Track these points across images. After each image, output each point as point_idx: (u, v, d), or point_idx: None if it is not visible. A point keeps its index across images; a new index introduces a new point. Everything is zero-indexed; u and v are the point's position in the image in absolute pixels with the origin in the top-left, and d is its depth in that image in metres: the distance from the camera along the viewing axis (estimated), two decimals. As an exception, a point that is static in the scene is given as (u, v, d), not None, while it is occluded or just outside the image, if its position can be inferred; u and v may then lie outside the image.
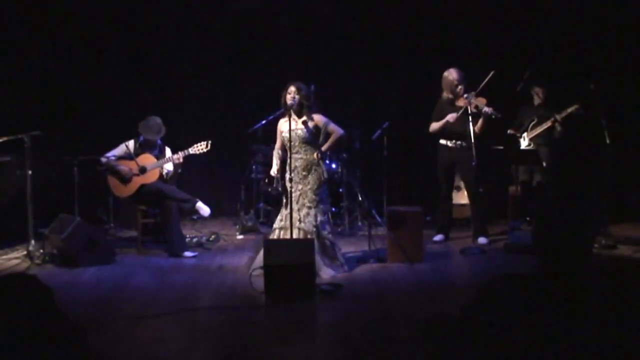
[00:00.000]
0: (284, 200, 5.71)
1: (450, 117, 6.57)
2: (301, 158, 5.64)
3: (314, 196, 5.62)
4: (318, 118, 5.70)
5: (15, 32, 8.00)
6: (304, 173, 5.63)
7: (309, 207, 5.60)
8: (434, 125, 6.76)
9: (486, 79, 6.43)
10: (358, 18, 8.49)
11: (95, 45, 8.30)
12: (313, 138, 5.67)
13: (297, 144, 5.62)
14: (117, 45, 8.36)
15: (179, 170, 6.59)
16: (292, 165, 5.58)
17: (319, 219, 5.61)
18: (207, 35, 8.54)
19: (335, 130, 5.72)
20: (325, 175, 5.71)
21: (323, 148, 5.69)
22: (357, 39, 8.53)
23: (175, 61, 8.56)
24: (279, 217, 5.72)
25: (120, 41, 8.35)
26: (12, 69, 7.98)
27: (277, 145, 5.91)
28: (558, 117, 6.97)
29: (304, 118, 5.64)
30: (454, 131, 6.64)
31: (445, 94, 6.73)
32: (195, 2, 8.47)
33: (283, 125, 5.77)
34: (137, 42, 8.40)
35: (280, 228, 5.63)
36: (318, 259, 5.37)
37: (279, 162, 5.87)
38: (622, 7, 7.86)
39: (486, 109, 6.45)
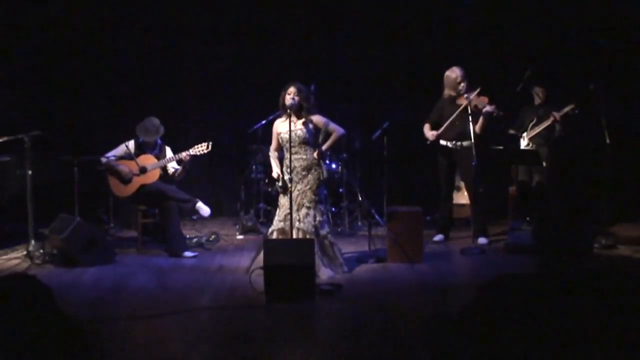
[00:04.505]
0: (280, 201, 5.71)
1: (431, 135, 6.68)
2: (300, 158, 5.63)
3: (313, 196, 5.62)
4: (317, 119, 5.69)
5: (15, 32, 8.00)
6: (303, 173, 5.63)
7: (308, 207, 5.60)
8: (425, 129, 6.80)
9: (475, 92, 6.45)
10: (358, 17, 8.49)
11: (95, 45, 8.30)
12: (313, 138, 5.67)
13: (296, 144, 5.60)
14: (117, 45, 8.36)
15: (187, 168, 6.57)
16: (292, 166, 5.57)
17: (317, 218, 5.61)
18: (207, 35, 8.54)
19: (336, 129, 5.72)
20: (325, 175, 5.70)
21: (324, 147, 5.68)
22: (357, 38, 8.53)
23: (175, 61, 8.56)
24: (277, 218, 5.69)
25: (120, 41, 8.35)
26: (12, 69, 7.99)
27: (273, 146, 5.86)
28: (556, 115, 6.97)
29: (303, 119, 5.63)
30: (454, 131, 6.64)
31: (447, 91, 6.73)
32: (196, 3, 8.48)
33: (280, 126, 5.74)
34: (137, 42, 8.40)
35: (279, 229, 5.61)
36: (317, 259, 5.36)
37: (277, 162, 5.86)
38: (622, 7, 7.86)
39: (488, 108, 6.46)
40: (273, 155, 5.88)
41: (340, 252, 5.82)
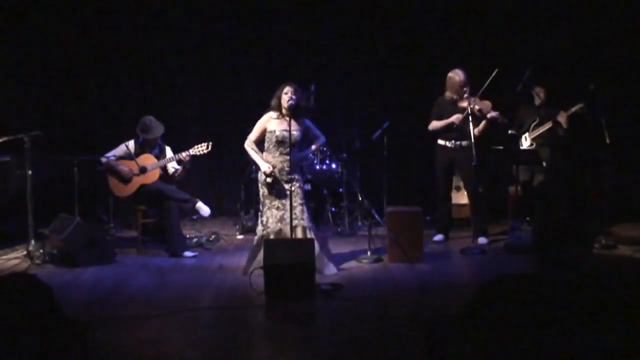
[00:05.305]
0: (272, 202, 5.68)
1: (456, 118, 6.56)
2: (290, 159, 5.63)
3: (301, 193, 5.70)
4: (307, 122, 5.79)
5: (15, 32, 8.00)
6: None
7: (301, 204, 5.65)
8: (436, 124, 6.75)
9: (491, 77, 6.41)
10: (358, 17, 8.49)
11: (95, 45, 8.29)
12: (302, 140, 5.75)
13: (288, 144, 5.60)
14: (117, 45, 8.35)
15: (188, 167, 6.57)
16: (285, 165, 5.58)
17: (308, 215, 5.68)
18: (207, 35, 8.54)
19: (320, 136, 5.84)
20: (308, 176, 5.79)
21: (313, 147, 5.90)
22: (357, 38, 8.53)
23: (175, 61, 8.56)
24: (270, 220, 5.64)
25: (120, 41, 8.35)
26: (12, 69, 7.98)
27: (254, 138, 5.74)
28: (559, 118, 6.97)
29: (299, 121, 5.64)
30: (453, 131, 6.64)
31: (449, 94, 6.71)
32: (196, 3, 8.48)
33: (273, 123, 5.67)
34: (137, 42, 8.39)
35: (277, 231, 5.59)
36: (322, 255, 5.44)
37: (261, 155, 5.72)
38: (622, 7, 7.86)
39: (492, 114, 6.44)
40: (254, 146, 5.75)
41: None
